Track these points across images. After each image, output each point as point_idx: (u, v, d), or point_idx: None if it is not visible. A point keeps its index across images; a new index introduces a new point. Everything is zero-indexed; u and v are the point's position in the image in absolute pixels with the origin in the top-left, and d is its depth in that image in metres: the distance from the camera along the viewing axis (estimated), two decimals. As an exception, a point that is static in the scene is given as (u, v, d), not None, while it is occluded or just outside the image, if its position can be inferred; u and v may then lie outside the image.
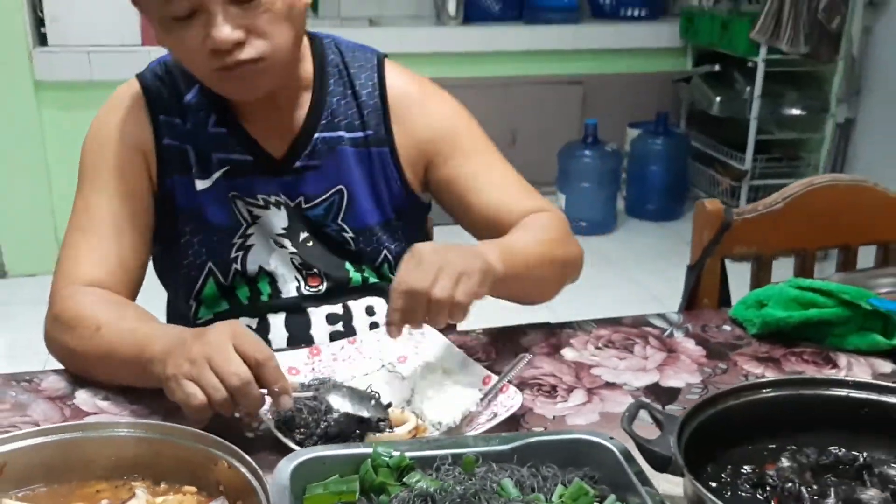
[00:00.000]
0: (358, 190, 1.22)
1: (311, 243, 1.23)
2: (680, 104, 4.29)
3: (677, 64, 4.23)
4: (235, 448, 0.77)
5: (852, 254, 1.37)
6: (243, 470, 0.75)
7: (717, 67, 3.97)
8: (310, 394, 0.94)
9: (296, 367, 1.07)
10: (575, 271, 1.23)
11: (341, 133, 1.22)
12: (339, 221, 1.23)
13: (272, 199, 1.21)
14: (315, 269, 1.23)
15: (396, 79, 1.25)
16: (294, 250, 1.23)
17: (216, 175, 1.20)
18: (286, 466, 0.77)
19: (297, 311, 1.22)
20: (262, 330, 1.21)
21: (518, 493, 0.76)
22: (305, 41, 1.21)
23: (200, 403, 0.87)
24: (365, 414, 0.92)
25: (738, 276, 1.43)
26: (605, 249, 3.79)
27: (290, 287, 1.23)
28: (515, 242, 1.13)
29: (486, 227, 1.21)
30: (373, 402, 0.95)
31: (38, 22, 3.24)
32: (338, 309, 1.23)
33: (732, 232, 1.30)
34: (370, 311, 1.24)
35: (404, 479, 0.78)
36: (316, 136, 1.21)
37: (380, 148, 1.23)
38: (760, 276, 1.35)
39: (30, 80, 3.21)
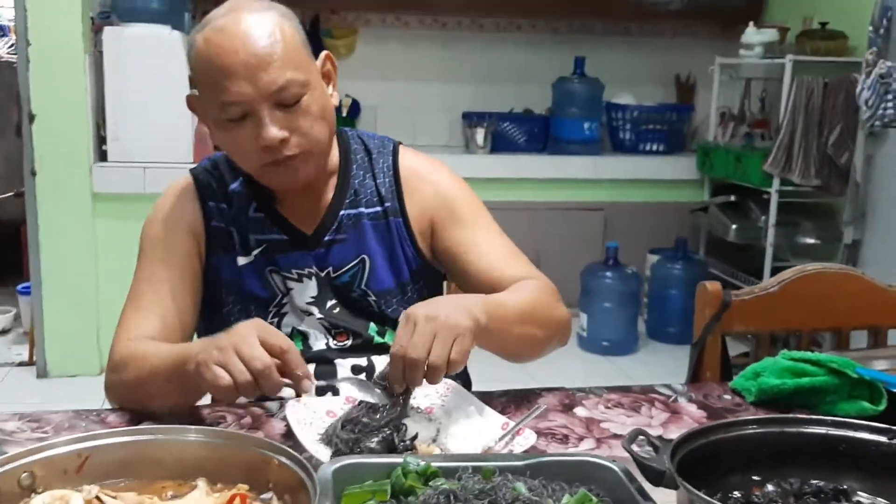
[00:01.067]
0: (378, 258, 1.40)
1: (337, 309, 1.40)
2: (698, 232, 4.46)
3: (695, 195, 4.43)
4: (288, 449, 0.89)
5: (844, 337, 1.49)
6: (294, 467, 0.87)
7: (732, 198, 4.16)
8: (323, 383, 1.13)
9: (333, 410, 1.19)
10: (561, 333, 1.36)
11: (362, 209, 1.41)
12: (363, 287, 1.39)
13: (305, 271, 1.39)
14: (342, 328, 1.39)
15: (408, 158, 1.45)
16: (321, 316, 1.39)
17: (255, 252, 1.38)
18: (328, 468, 0.89)
19: (325, 362, 1.37)
20: None
21: (529, 494, 0.87)
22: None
23: (227, 385, 1.03)
24: (371, 399, 1.05)
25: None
26: (628, 369, 3.88)
27: (321, 343, 1.39)
28: (503, 299, 1.28)
29: (482, 291, 1.33)
30: (378, 389, 1.08)
31: (101, 140, 3.53)
32: (362, 361, 1.38)
33: (731, 312, 1.44)
34: None
35: (430, 484, 0.89)
36: (341, 213, 1.40)
37: (395, 218, 1.41)
38: (759, 355, 1.46)
39: (88, 192, 3.47)
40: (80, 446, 0.90)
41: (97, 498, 0.83)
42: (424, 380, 1.09)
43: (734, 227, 4.03)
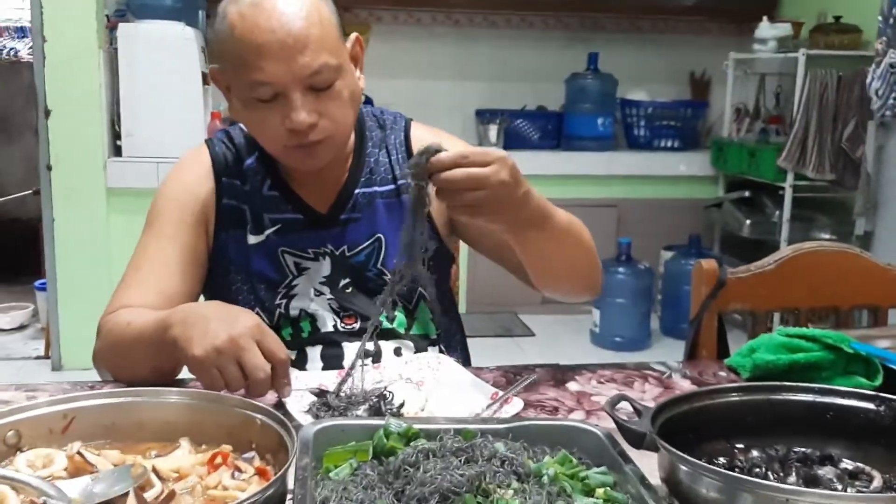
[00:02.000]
0: (392, 237, 1.38)
1: (349, 289, 1.38)
2: (712, 228, 4.44)
3: (709, 191, 4.41)
4: (270, 409, 0.90)
5: (843, 316, 1.48)
6: (276, 427, 0.87)
7: (746, 193, 4.14)
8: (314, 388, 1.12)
9: (325, 384, 1.19)
10: (598, 275, 1.37)
11: (376, 188, 1.40)
12: (379, 266, 1.38)
13: (320, 249, 1.37)
14: (351, 311, 1.38)
15: (419, 132, 1.44)
16: (332, 297, 1.38)
17: (268, 232, 1.37)
18: (310, 429, 0.90)
19: (332, 345, 1.36)
20: (300, 361, 1.35)
21: (507, 451, 0.87)
22: None
23: (220, 388, 1.04)
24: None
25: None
26: (639, 365, 3.85)
27: (328, 325, 1.37)
28: (561, 211, 1.27)
29: (512, 255, 1.31)
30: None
31: (115, 136, 3.57)
32: (369, 345, 1.36)
33: (727, 289, 1.43)
34: (398, 352, 1.38)
35: (411, 444, 0.90)
36: (356, 191, 1.38)
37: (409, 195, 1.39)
38: (756, 333, 1.45)
39: (103, 187, 3.51)
40: (65, 407, 0.91)
41: (79, 454, 0.84)
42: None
43: (748, 222, 4.01)
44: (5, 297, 4.58)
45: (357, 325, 1.37)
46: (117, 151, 3.57)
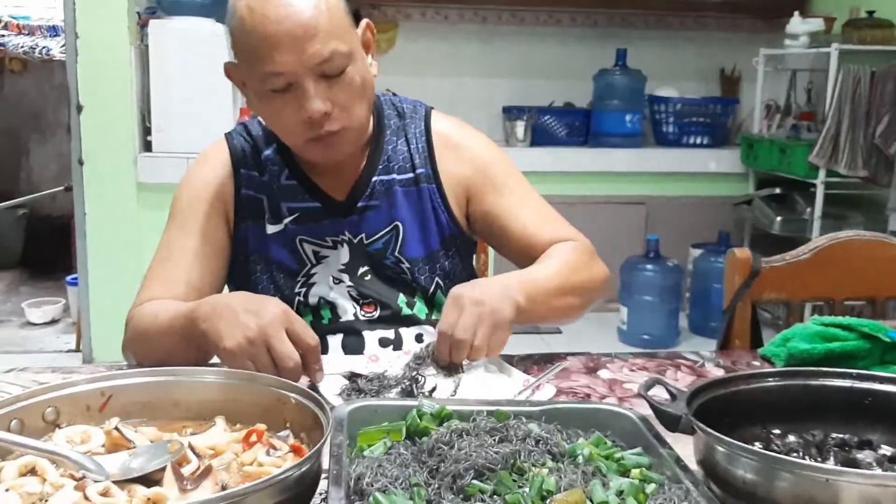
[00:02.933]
0: (410, 225, 1.39)
1: (368, 277, 1.39)
2: (742, 226, 4.39)
3: (739, 188, 4.37)
4: (305, 388, 0.90)
5: (880, 306, 1.45)
6: (310, 405, 0.87)
7: (777, 190, 4.09)
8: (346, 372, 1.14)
9: (356, 369, 1.20)
10: (599, 292, 1.38)
11: (394, 175, 1.40)
12: (396, 254, 1.39)
13: (339, 237, 1.38)
14: (370, 298, 1.38)
15: (440, 123, 1.44)
16: (351, 284, 1.38)
17: (286, 221, 1.38)
18: (344, 409, 0.90)
19: (352, 333, 1.37)
20: (321, 349, 1.35)
21: (541, 431, 0.86)
22: None
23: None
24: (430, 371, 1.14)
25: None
26: (667, 362, 3.83)
27: (349, 313, 1.38)
28: (540, 275, 1.28)
29: (519, 255, 1.38)
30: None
31: (146, 131, 3.61)
32: (389, 334, 1.37)
33: (762, 279, 1.41)
34: (419, 338, 1.38)
35: (444, 425, 0.89)
36: (374, 179, 1.39)
37: (429, 185, 1.40)
38: (791, 323, 1.43)
39: (133, 181, 3.54)
40: (103, 385, 0.92)
41: (117, 429, 0.85)
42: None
43: (779, 219, 3.96)
44: (38, 292, 4.66)
45: (377, 314, 1.38)
46: (148, 147, 3.60)
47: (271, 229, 1.38)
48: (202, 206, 1.37)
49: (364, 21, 1.34)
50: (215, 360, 1.28)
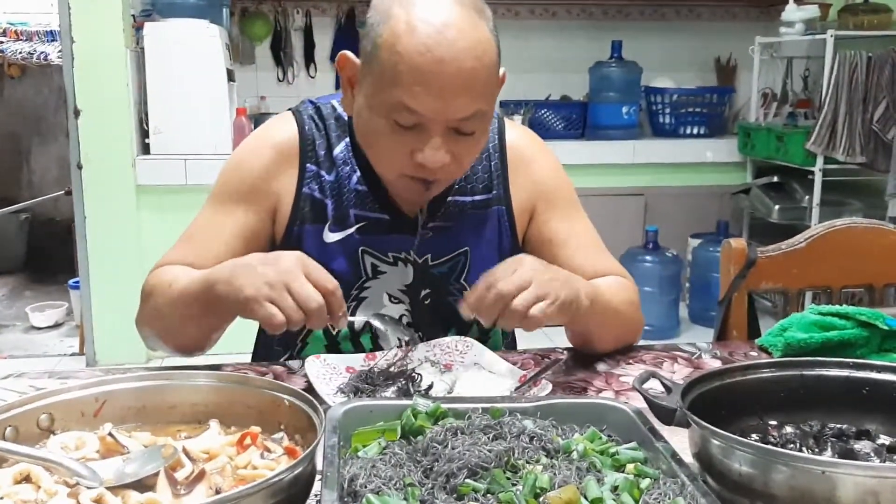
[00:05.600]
0: (479, 251, 1.31)
1: (428, 301, 1.31)
2: (740, 215, 4.39)
3: (737, 178, 4.36)
4: (298, 390, 0.90)
5: (878, 294, 1.45)
6: (304, 407, 0.87)
7: (775, 178, 4.08)
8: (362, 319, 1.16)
9: (353, 366, 1.20)
10: (634, 335, 1.34)
11: (468, 197, 1.31)
12: (462, 280, 1.31)
13: (401, 255, 1.29)
14: (419, 334, 1.29)
15: (514, 136, 1.36)
16: (409, 308, 1.31)
17: (351, 230, 1.28)
18: (338, 409, 0.90)
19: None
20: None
21: (535, 428, 0.86)
22: None
23: (280, 323, 1.01)
24: (402, 336, 1.13)
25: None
26: (669, 353, 3.83)
27: (391, 345, 1.25)
28: (606, 292, 1.24)
29: None
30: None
31: (144, 134, 3.61)
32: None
33: (758, 269, 1.41)
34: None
35: (439, 423, 0.89)
36: (449, 199, 1.30)
37: (499, 206, 1.33)
38: (788, 312, 1.43)
39: (132, 184, 3.54)
40: (97, 391, 0.92)
41: (110, 435, 0.85)
42: (484, 321, 1.06)
43: (777, 207, 3.95)
44: (41, 296, 4.67)
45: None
46: (146, 149, 3.60)
47: (333, 236, 1.28)
48: (251, 195, 1.27)
49: (502, 70, 1.18)
50: (219, 346, 1.26)
